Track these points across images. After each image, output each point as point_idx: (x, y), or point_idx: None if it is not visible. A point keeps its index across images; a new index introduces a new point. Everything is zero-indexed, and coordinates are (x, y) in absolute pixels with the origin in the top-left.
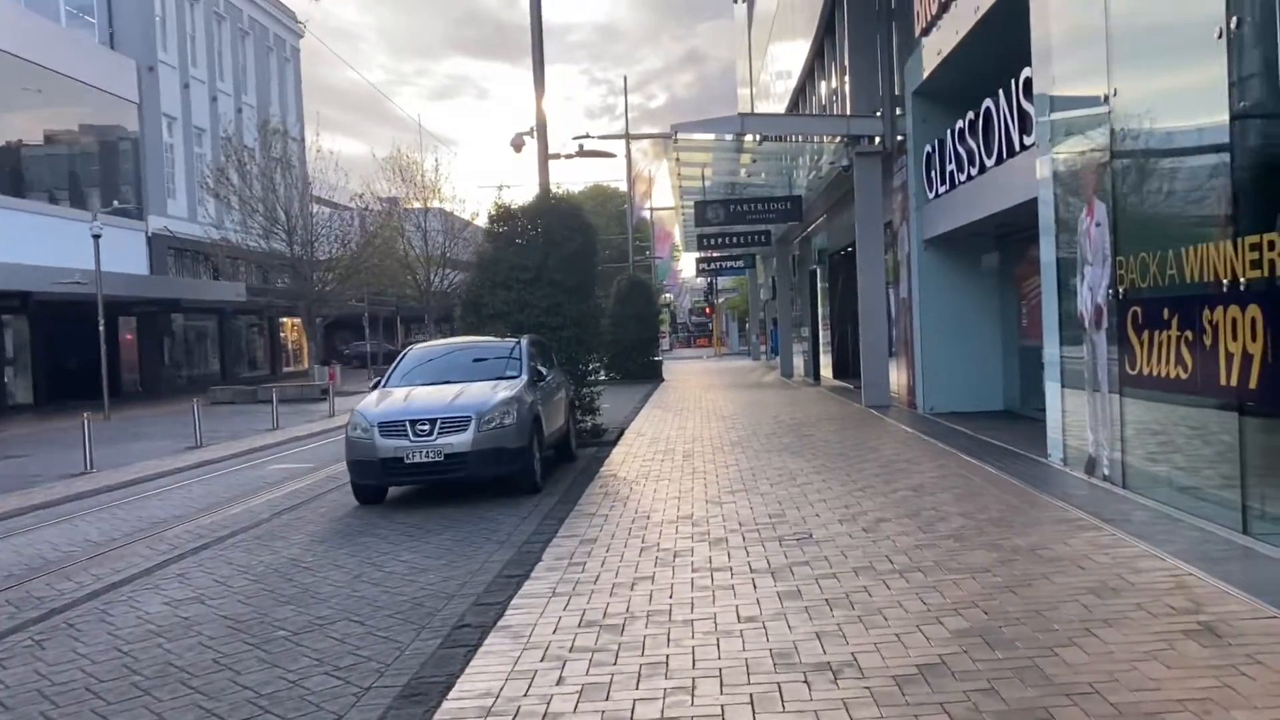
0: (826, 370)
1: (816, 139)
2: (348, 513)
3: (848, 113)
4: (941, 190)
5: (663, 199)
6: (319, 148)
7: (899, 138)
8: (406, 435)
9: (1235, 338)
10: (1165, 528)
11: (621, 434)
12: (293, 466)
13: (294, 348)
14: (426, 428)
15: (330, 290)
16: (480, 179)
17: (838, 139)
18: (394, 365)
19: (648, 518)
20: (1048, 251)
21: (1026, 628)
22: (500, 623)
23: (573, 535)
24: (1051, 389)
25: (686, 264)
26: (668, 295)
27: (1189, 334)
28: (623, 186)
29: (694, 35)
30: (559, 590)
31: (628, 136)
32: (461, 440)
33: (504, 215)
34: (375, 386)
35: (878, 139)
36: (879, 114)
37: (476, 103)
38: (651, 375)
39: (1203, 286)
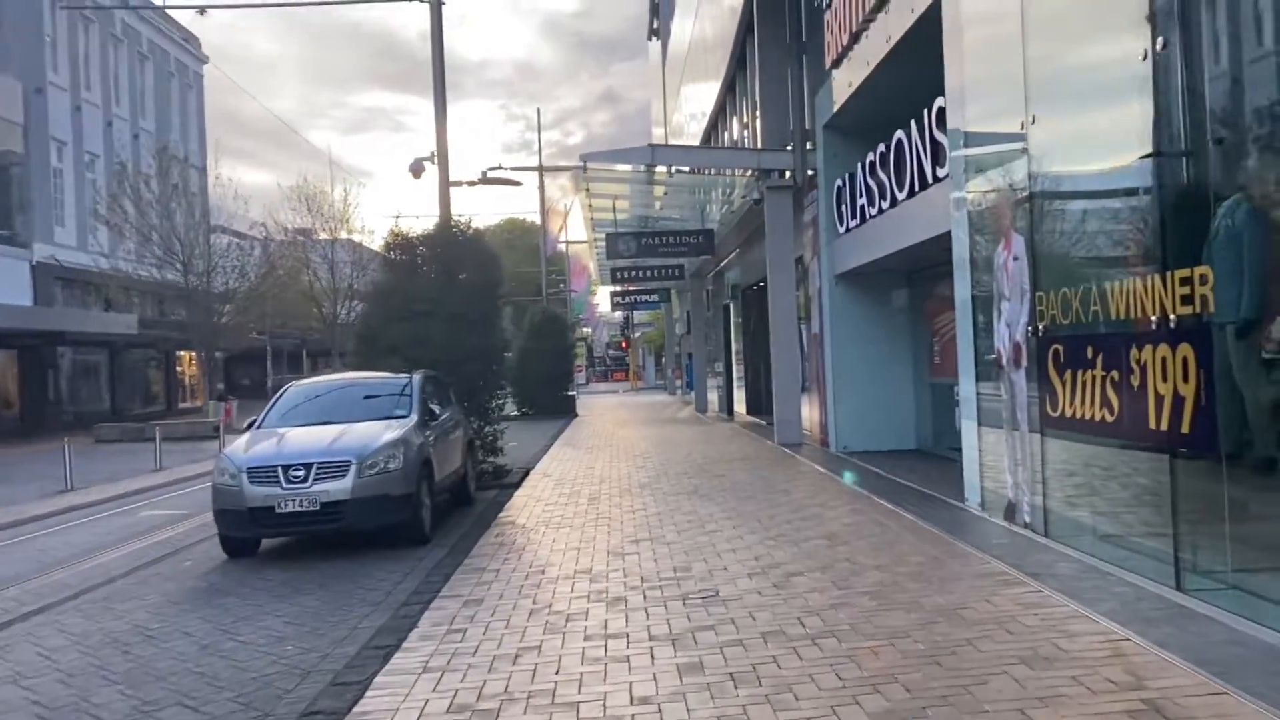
0: (740, 406)
1: (728, 173)
2: (214, 567)
3: (759, 146)
4: (853, 225)
5: (578, 233)
6: (218, 174)
7: (809, 172)
8: (278, 482)
9: (1165, 378)
10: (1094, 582)
11: (526, 475)
12: (167, 513)
13: (192, 382)
14: (301, 473)
15: (228, 323)
16: (393, 212)
17: (749, 173)
18: (271, 404)
19: (542, 572)
20: (963, 287)
21: (954, 709)
22: (356, 709)
23: (456, 595)
24: (968, 429)
25: (603, 298)
26: (585, 329)
27: (1115, 374)
28: (539, 220)
29: (610, 75)
30: (431, 665)
31: (541, 169)
32: (340, 487)
33: (401, 244)
34: (249, 427)
35: (788, 173)
36: (789, 148)
37: (392, 136)
38: (565, 410)
39: (1129, 324)
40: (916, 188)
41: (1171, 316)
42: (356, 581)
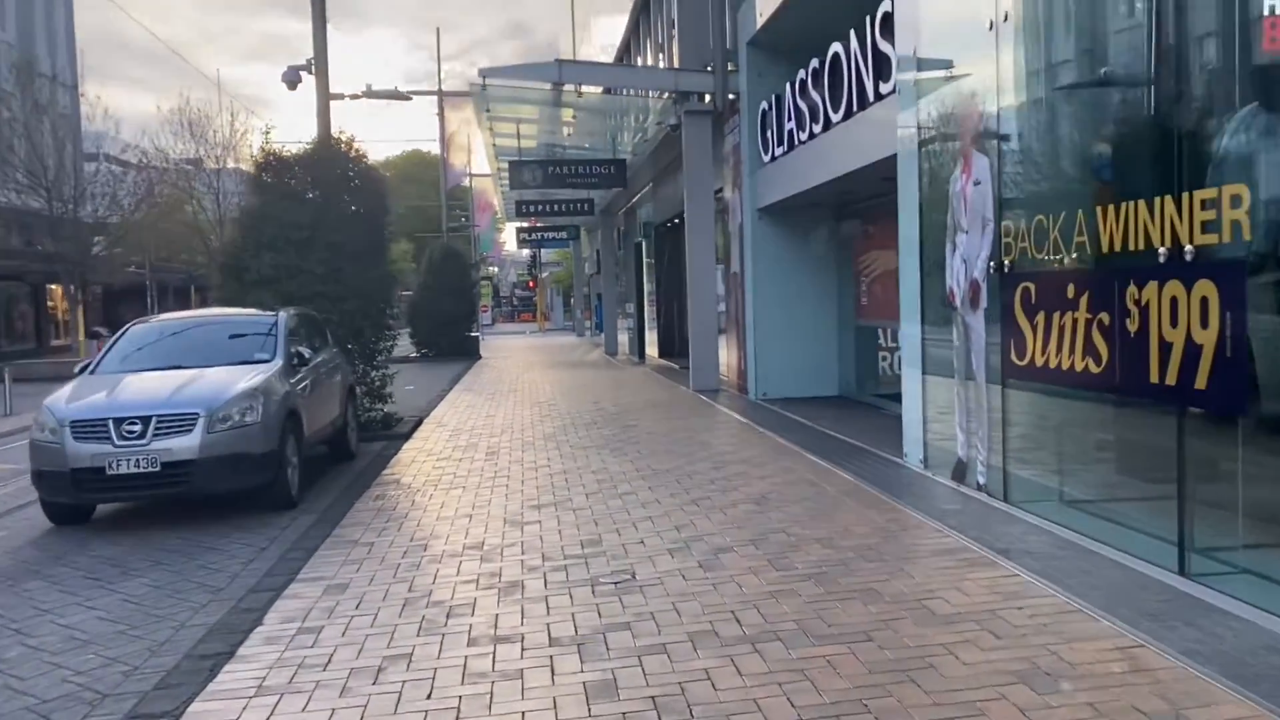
0: (652, 349)
1: (642, 94)
2: (31, 539)
3: (676, 67)
4: (779, 153)
5: (483, 167)
6: (86, 93)
7: (730, 96)
8: (109, 438)
9: (1175, 324)
10: (1077, 563)
11: (419, 424)
12: (3, 467)
13: (65, 319)
14: (137, 428)
15: (101, 254)
16: (265, 128)
17: (665, 96)
18: (108, 345)
19: (425, 548)
20: (908, 218)
21: None
22: None
23: (318, 578)
24: (910, 377)
25: (510, 236)
26: (492, 268)
27: (1104, 316)
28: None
29: (519, 6)
30: (268, 684)
31: (440, 93)
32: (186, 444)
33: (272, 164)
34: (81, 372)
35: (708, 96)
36: (709, 69)
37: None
38: (467, 353)
39: (1128, 257)
40: (855, 108)
41: (1187, 247)
42: (199, 559)
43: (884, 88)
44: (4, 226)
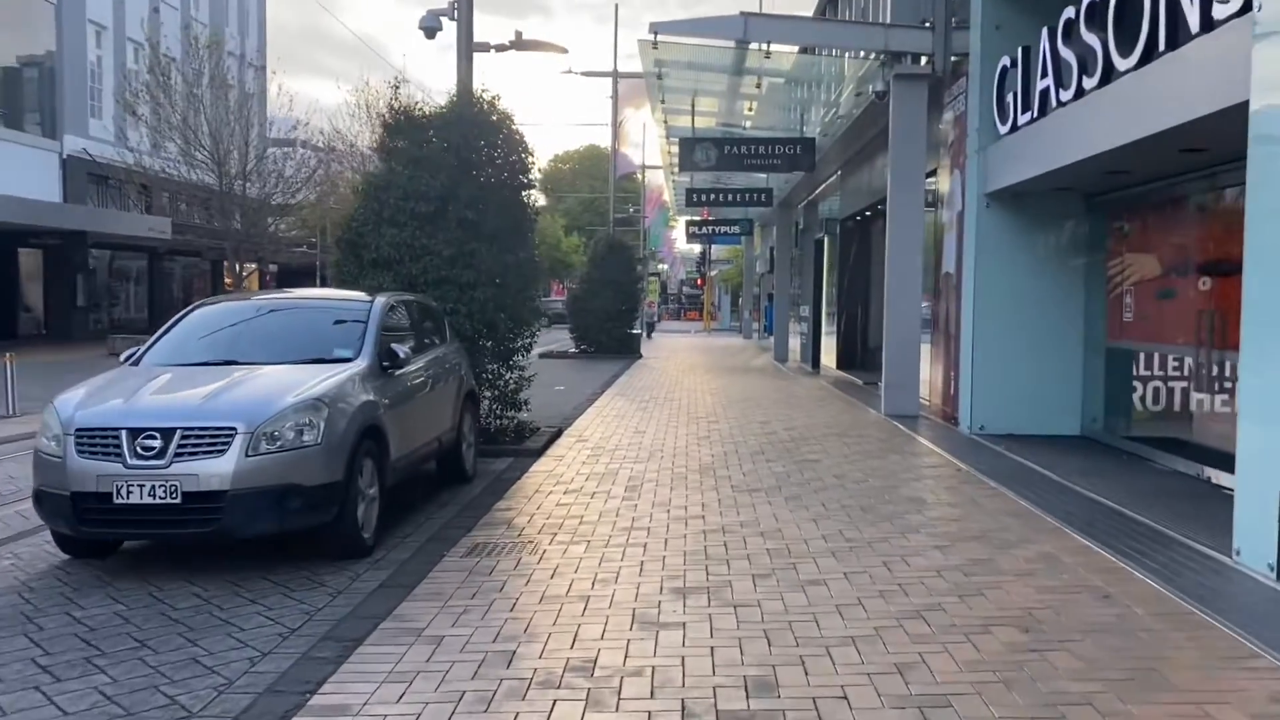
0: (828, 358)
1: (841, 56)
2: (38, 573)
3: (887, 21)
4: (1023, 121)
5: (656, 159)
6: (279, 85)
7: (953, 58)
8: (121, 455)
9: None
10: None
11: (556, 437)
12: None
13: None
14: (156, 443)
15: (269, 233)
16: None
17: (870, 58)
18: (164, 329)
19: (508, 661)
20: (1268, 193)
21: None
22: None
23: (340, 705)
24: (1257, 439)
25: (682, 232)
26: (662, 265)
27: None
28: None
29: None
30: None
31: (615, 74)
32: (216, 470)
33: (403, 123)
34: (126, 361)
35: (925, 58)
36: (928, 24)
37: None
38: (628, 350)
39: None
40: (1161, 45)
41: None
42: (199, 642)
43: (1220, 9)
44: (190, 203)
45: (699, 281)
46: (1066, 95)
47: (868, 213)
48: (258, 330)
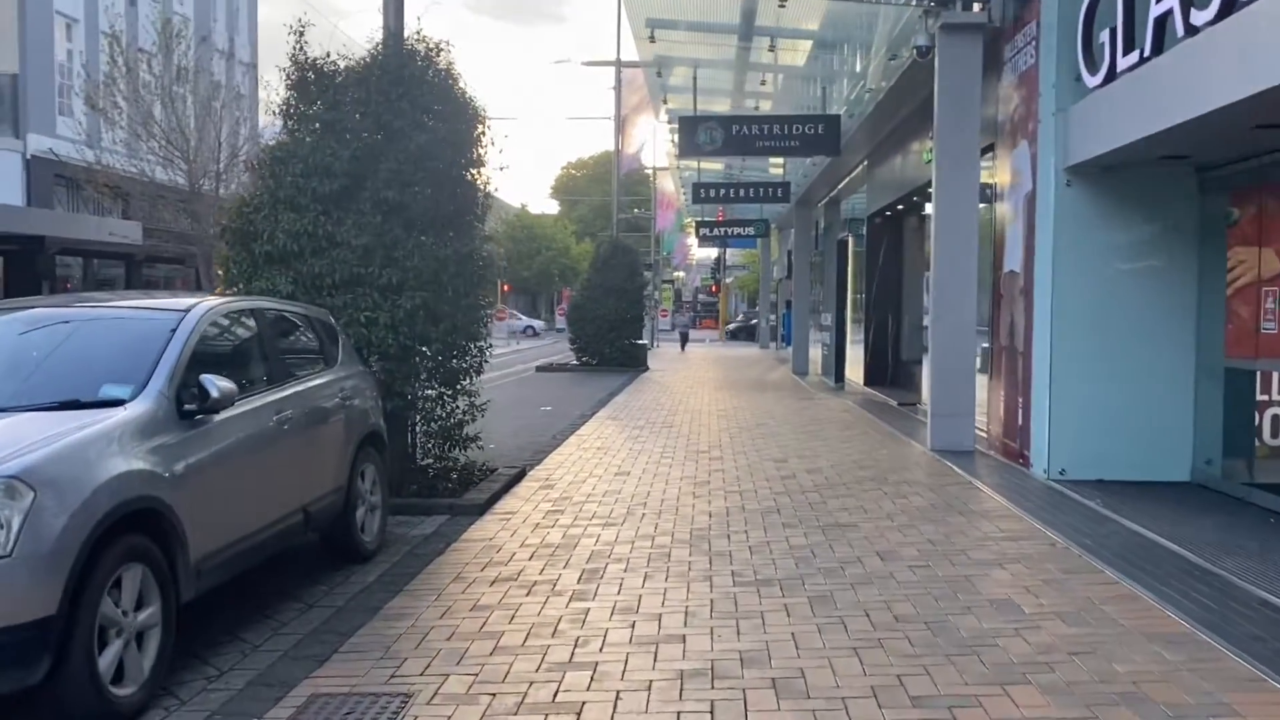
0: (854, 372)
1: (866, 8)
2: None
3: None
4: (1125, 65)
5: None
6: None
7: None
8: None
9: None
10: None
11: (516, 480)
12: None
13: None
14: None
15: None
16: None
17: (910, 3)
18: None
19: None
20: None
21: None
22: None
23: None
24: None
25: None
26: (678, 273)
27: None
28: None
29: None
30: None
31: (619, 64)
32: None
33: (307, 78)
34: None
35: (979, 3)
36: None
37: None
38: (633, 363)
39: None
40: None
41: None
42: None
43: None
44: (148, 202)
45: (713, 288)
46: (1204, 15)
47: (900, 207)
48: (9, 353)
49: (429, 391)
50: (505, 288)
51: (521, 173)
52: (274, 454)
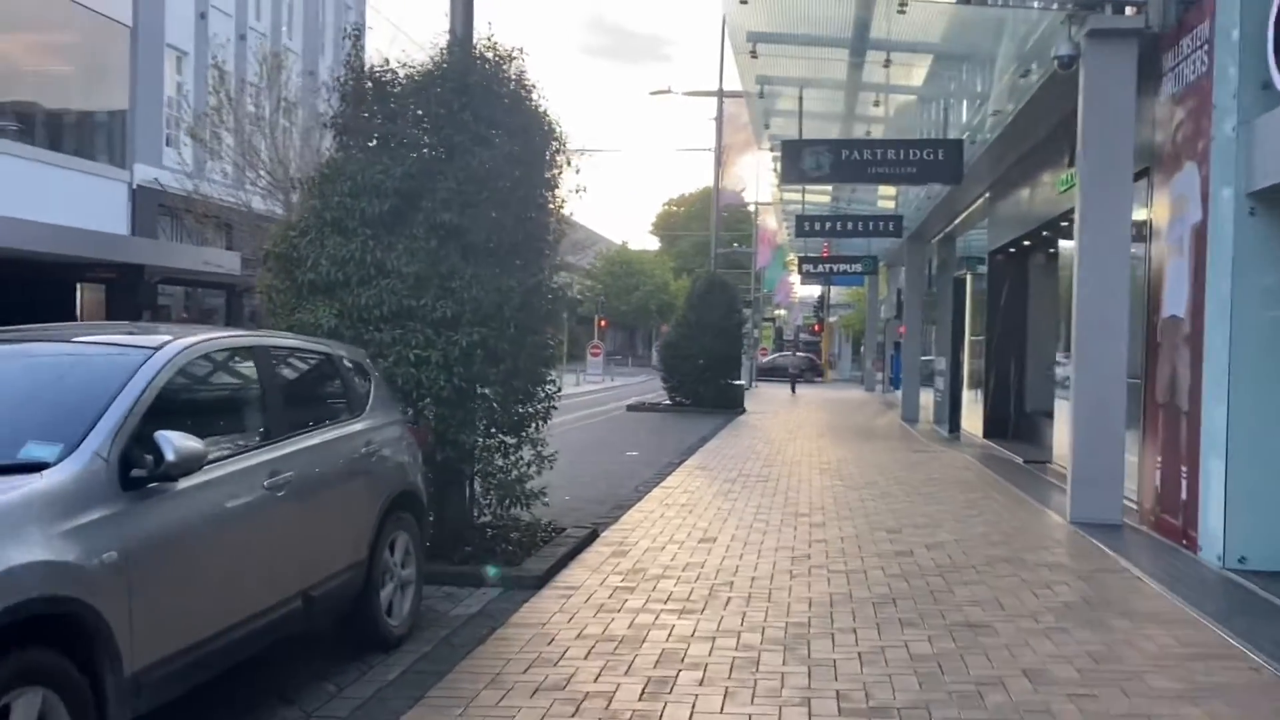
0: (971, 423)
1: (995, 18)
2: None
3: None
4: None
5: (767, 194)
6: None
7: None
8: None
9: None
10: None
11: (585, 545)
12: None
13: None
14: None
15: None
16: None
17: (1052, 8)
18: None
19: None
20: None
21: None
22: None
23: None
24: None
25: (797, 275)
26: (779, 310)
27: None
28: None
29: None
30: None
31: (720, 95)
32: None
33: (364, 89)
34: None
35: (1130, 8)
36: None
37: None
38: (729, 404)
39: None
40: None
41: None
42: None
43: None
44: (249, 232)
45: (815, 327)
46: None
47: (1026, 243)
48: None
49: (488, 441)
50: (602, 323)
51: (623, 209)
52: (263, 527)
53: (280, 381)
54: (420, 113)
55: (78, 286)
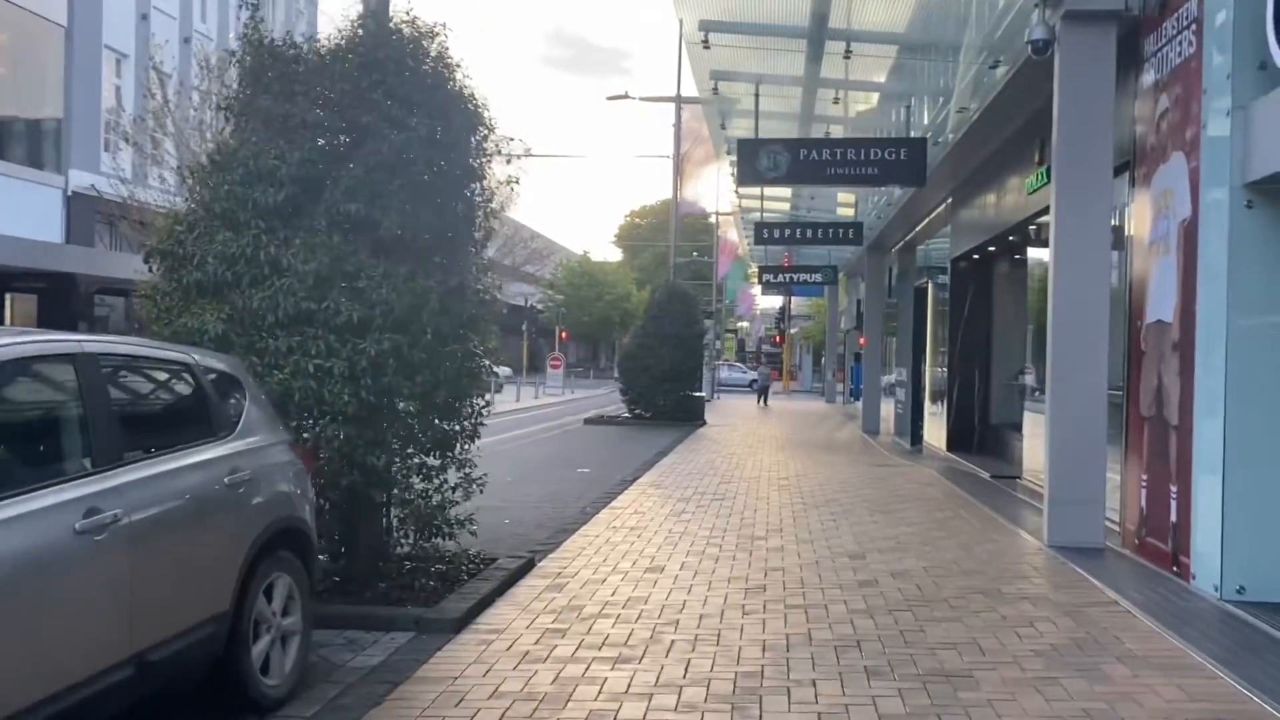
0: (934, 435)
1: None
2: None
3: None
4: None
5: (727, 202)
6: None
7: None
8: None
9: None
10: None
11: (516, 578)
12: None
13: None
14: None
15: None
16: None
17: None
18: None
19: None
20: None
21: None
22: None
23: None
24: None
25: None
26: (742, 323)
27: None
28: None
29: None
30: None
31: (679, 100)
32: None
33: (263, 63)
34: None
35: None
36: None
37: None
38: (689, 416)
39: None
40: None
41: None
42: None
43: None
44: None
45: (777, 339)
46: None
47: (991, 248)
48: None
49: (406, 463)
50: (563, 335)
51: (584, 220)
52: (71, 579)
53: (111, 397)
54: (327, 92)
55: (7, 296)
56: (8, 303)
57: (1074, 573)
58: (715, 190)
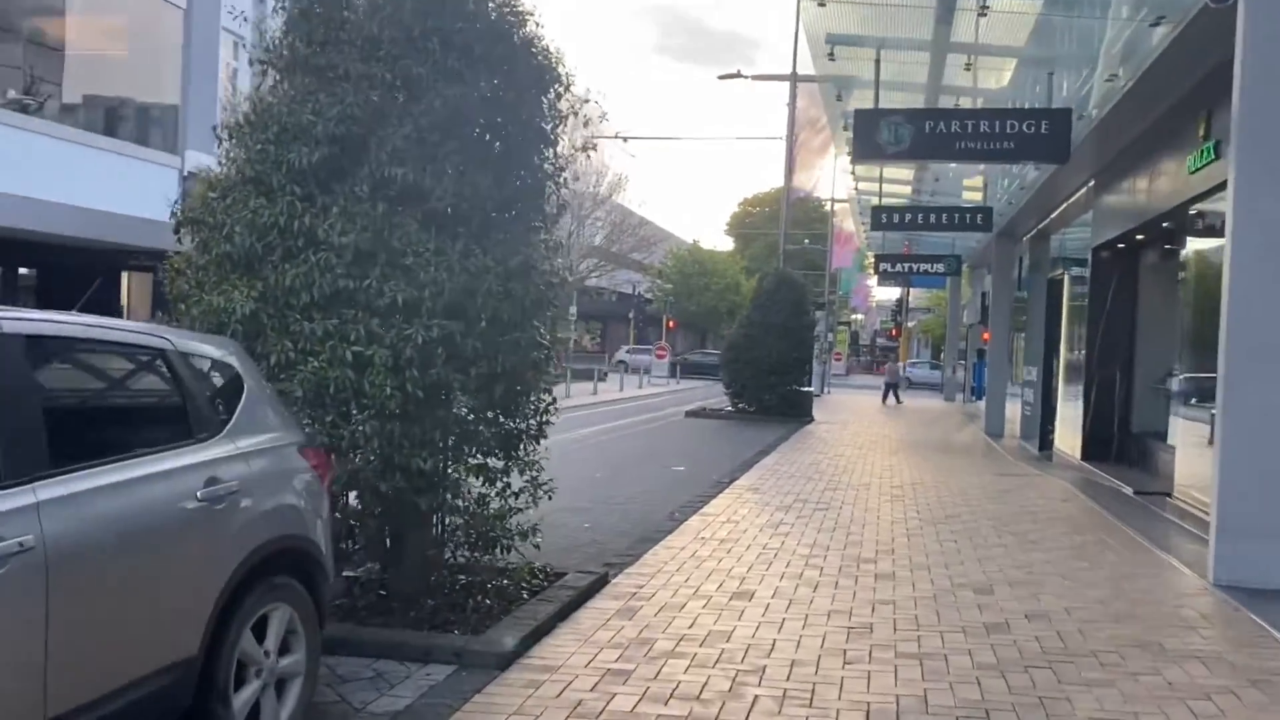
0: (1067, 441)
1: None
2: None
3: None
4: None
5: (842, 190)
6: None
7: None
8: None
9: None
10: None
11: (583, 599)
12: None
13: None
14: None
15: None
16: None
17: None
18: None
19: None
20: None
21: None
22: None
23: None
24: None
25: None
26: (856, 315)
27: None
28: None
29: None
30: None
31: (794, 79)
32: None
33: (314, 11)
34: None
35: None
36: None
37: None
38: (796, 412)
39: None
40: None
41: None
42: None
43: None
44: None
45: (893, 332)
46: None
47: (1139, 237)
48: None
49: (463, 464)
50: (670, 324)
51: (696, 208)
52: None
53: (48, 392)
54: (375, 40)
55: (123, 275)
56: (124, 281)
57: (1252, 624)
58: (831, 179)
